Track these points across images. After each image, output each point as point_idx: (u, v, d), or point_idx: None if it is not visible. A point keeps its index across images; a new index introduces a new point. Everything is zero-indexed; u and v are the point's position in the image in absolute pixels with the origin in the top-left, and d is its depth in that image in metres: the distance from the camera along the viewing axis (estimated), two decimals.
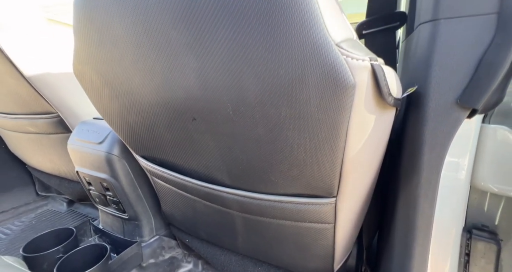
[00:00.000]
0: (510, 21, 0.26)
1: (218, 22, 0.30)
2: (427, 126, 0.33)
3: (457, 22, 0.29)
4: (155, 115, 0.45)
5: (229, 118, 0.37)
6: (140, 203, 0.74)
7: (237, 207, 0.51)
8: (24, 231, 1.03)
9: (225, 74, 0.33)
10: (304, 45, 0.27)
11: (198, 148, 0.47)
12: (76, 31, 0.42)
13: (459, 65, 0.30)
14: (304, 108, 0.31)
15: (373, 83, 0.29)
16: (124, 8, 0.34)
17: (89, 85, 0.49)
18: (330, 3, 0.28)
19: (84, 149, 0.70)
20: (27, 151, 1.01)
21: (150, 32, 0.34)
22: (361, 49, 0.29)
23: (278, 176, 0.42)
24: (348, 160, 0.35)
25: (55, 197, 1.23)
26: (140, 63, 0.38)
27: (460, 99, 0.30)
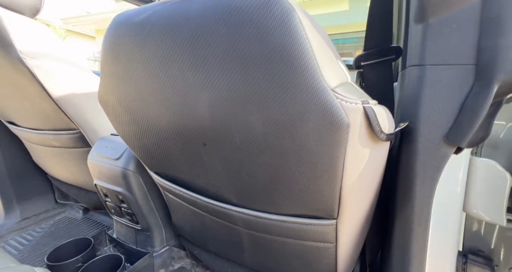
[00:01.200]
0: (485, 73, 0.29)
1: (228, 66, 0.34)
2: (418, 159, 0.36)
3: (441, 69, 0.32)
4: (169, 139, 0.50)
5: (237, 146, 0.41)
6: (152, 215, 0.79)
7: (243, 224, 0.55)
8: (44, 238, 1.10)
9: (233, 108, 0.37)
10: (303, 90, 0.31)
11: (207, 169, 0.51)
12: (103, 66, 0.47)
13: (444, 107, 0.33)
14: (305, 142, 0.35)
15: (365, 122, 0.32)
16: (146, 52, 0.39)
17: (111, 111, 0.54)
18: (325, 52, 0.31)
19: (102, 164, 0.76)
20: (49, 163, 1.08)
21: (168, 72, 0.39)
22: (354, 93, 0.32)
23: (282, 198, 0.45)
24: (346, 188, 0.38)
25: (72, 205, 1.30)
26: (158, 95, 0.43)
27: (447, 137, 0.33)
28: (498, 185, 0.34)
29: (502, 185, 0.34)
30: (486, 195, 0.35)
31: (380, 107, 0.33)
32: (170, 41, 0.36)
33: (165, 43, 0.37)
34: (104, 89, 0.51)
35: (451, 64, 0.31)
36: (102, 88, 0.51)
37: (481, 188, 0.35)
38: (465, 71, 0.30)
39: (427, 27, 0.32)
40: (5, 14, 0.68)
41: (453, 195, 0.36)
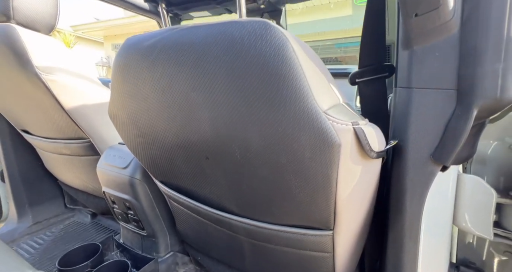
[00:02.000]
0: (466, 98, 0.31)
1: (229, 88, 0.37)
2: (408, 175, 0.38)
3: (426, 92, 0.34)
4: (174, 152, 0.53)
5: (237, 160, 0.44)
6: (157, 222, 0.82)
7: (244, 233, 0.57)
8: (54, 242, 1.14)
9: (233, 126, 0.40)
10: (298, 112, 0.33)
11: (210, 180, 0.53)
12: (113, 84, 0.51)
13: (430, 128, 0.34)
14: (300, 158, 0.37)
15: (356, 142, 0.34)
16: (154, 74, 0.42)
17: (120, 125, 0.58)
18: (318, 77, 0.34)
19: (110, 172, 0.79)
20: (60, 169, 1.13)
21: (173, 92, 0.42)
22: (345, 114, 0.34)
23: (280, 209, 0.47)
24: (340, 201, 0.40)
25: (81, 209, 1.35)
26: (164, 113, 0.46)
27: (433, 156, 0.35)
28: (484, 200, 0.35)
29: (488, 201, 0.35)
30: (473, 210, 0.37)
31: (370, 127, 0.36)
32: (176, 65, 0.39)
33: (171, 66, 0.40)
34: (114, 104, 0.54)
35: (435, 88, 0.33)
36: (112, 103, 0.55)
37: (469, 203, 0.37)
38: (447, 95, 0.32)
39: (413, 53, 0.34)
40: (23, 32, 0.73)
41: (442, 209, 0.37)
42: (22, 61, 0.72)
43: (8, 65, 0.76)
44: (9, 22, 0.77)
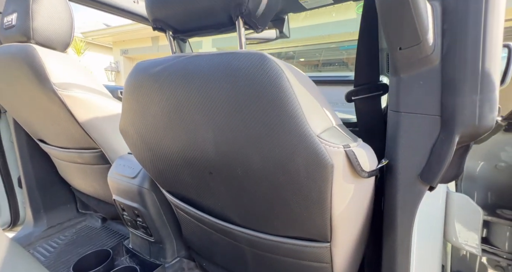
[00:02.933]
0: (448, 124, 0.33)
1: (230, 112, 0.40)
2: (398, 193, 0.40)
3: (413, 116, 0.36)
4: (180, 166, 0.56)
5: (238, 176, 0.47)
6: (164, 229, 0.85)
7: (247, 243, 0.60)
8: (67, 245, 1.19)
9: (234, 146, 0.43)
10: (293, 136, 0.36)
11: (214, 193, 0.56)
12: (124, 103, 0.55)
13: (417, 150, 0.37)
14: (296, 177, 0.40)
15: (348, 163, 0.37)
16: (161, 96, 0.46)
17: (129, 139, 0.62)
18: (311, 103, 0.37)
19: (120, 181, 0.84)
20: (72, 176, 1.18)
21: (179, 113, 0.46)
22: (338, 137, 0.37)
23: (279, 222, 0.50)
24: (335, 216, 0.42)
25: (92, 214, 1.40)
26: (170, 131, 0.50)
27: (421, 176, 0.37)
28: (472, 218, 0.37)
29: (475, 218, 0.37)
30: (462, 226, 0.38)
31: (361, 149, 0.38)
32: (182, 90, 0.43)
33: (177, 91, 0.44)
34: (124, 121, 0.58)
35: (421, 114, 0.35)
36: (123, 120, 0.59)
37: (458, 220, 0.38)
38: (432, 121, 0.35)
39: (400, 80, 0.37)
40: (42, 52, 0.79)
41: (433, 225, 0.39)
42: (40, 78, 0.78)
43: (28, 81, 0.82)
44: (29, 42, 0.83)
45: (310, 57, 6.13)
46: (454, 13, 0.30)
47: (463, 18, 0.30)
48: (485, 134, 0.32)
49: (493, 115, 0.31)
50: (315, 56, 6.01)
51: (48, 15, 0.84)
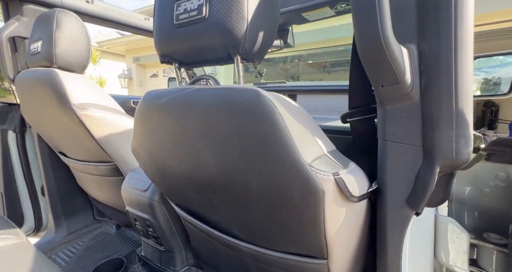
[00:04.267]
0: (429, 155, 0.35)
1: (229, 140, 0.44)
2: (388, 217, 0.42)
3: (399, 146, 0.38)
4: (186, 184, 0.61)
5: (239, 197, 0.51)
6: (174, 239, 0.90)
7: (249, 256, 0.63)
8: (85, 251, 1.27)
9: (234, 171, 0.46)
10: (286, 164, 0.39)
11: (218, 209, 0.60)
12: (136, 126, 0.60)
13: (403, 177, 0.39)
14: (291, 200, 0.43)
15: (338, 189, 0.39)
16: (168, 124, 0.51)
17: (140, 158, 0.67)
18: (302, 134, 0.40)
19: (133, 194, 0.90)
20: (89, 186, 1.27)
21: (184, 139, 0.50)
22: (328, 165, 0.40)
23: (279, 239, 0.53)
24: (330, 236, 0.45)
25: (107, 221, 1.48)
26: (176, 154, 0.54)
27: (407, 202, 0.39)
28: (458, 241, 0.39)
29: (462, 241, 0.38)
30: (450, 248, 0.40)
31: (350, 175, 0.41)
32: (186, 118, 0.47)
33: (182, 119, 0.48)
34: (136, 142, 0.64)
35: (405, 144, 0.38)
36: (134, 141, 0.64)
37: (446, 242, 0.40)
38: (415, 151, 0.37)
39: (385, 111, 0.39)
40: (63, 75, 0.87)
41: (424, 247, 0.41)
42: (62, 100, 0.85)
43: (50, 102, 0.90)
44: (52, 66, 0.91)
45: (318, 59, 6.13)
46: (428, 56, 0.32)
47: (435, 62, 0.32)
48: (463, 166, 0.34)
49: (469, 150, 0.33)
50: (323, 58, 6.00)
51: (68, 42, 0.92)
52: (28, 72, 0.95)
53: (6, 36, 1.07)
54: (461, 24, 0.30)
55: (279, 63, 3.39)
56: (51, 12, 0.91)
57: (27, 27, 1.10)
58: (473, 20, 0.30)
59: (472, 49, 0.30)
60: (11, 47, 1.11)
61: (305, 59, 4.86)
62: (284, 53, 5.28)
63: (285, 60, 3.56)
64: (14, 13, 1.10)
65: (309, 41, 5.32)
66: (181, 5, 0.45)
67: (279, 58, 3.82)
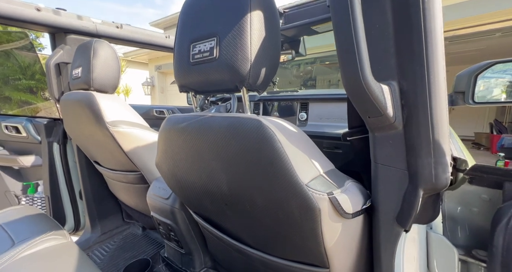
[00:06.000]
0: (413, 178, 0.38)
1: (237, 161, 0.50)
2: (380, 232, 0.45)
3: (387, 168, 0.42)
4: (202, 195, 0.68)
5: (247, 210, 0.57)
6: (193, 243, 0.99)
7: (259, 262, 0.69)
8: (116, 250, 1.42)
9: (242, 187, 0.53)
10: (285, 184, 0.45)
11: (230, 219, 0.67)
12: (159, 146, 0.69)
13: (392, 197, 0.42)
14: (291, 215, 0.48)
15: (332, 207, 0.44)
16: (186, 146, 0.59)
17: (162, 172, 0.76)
18: (300, 157, 0.45)
19: (156, 201, 1.00)
20: (119, 192, 1.41)
21: (199, 158, 0.58)
22: (323, 185, 0.45)
23: (284, 249, 0.58)
24: (329, 248, 0.49)
25: (134, 223, 1.63)
26: (193, 171, 0.62)
27: (397, 219, 0.42)
28: (448, 256, 0.41)
29: (451, 257, 0.40)
30: (441, 263, 0.42)
31: (344, 194, 0.45)
32: (200, 142, 0.55)
33: (197, 143, 0.56)
34: (159, 159, 0.73)
35: (393, 167, 0.41)
36: (157, 158, 0.73)
37: (437, 256, 0.42)
38: (402, 174, 0.40)
39: (375, 137, 0.43)
40: (98, 97, 1.00)
41: (417, 260, 0.44)
42: (97, 119, 0.99)
43: (88, 120, 1.04)
44: (90, 89, 1.05)
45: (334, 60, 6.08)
46: (407, 93, 0.36)
47: (414, 98, 0.36)
48: (444, 189, 0.37)
49: (446, 176, 0.36)
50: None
51: (103, 67, 1.05)
52: (71, 94, 1.11)
53: (53, 63, 1.25)
54: (432, 66, 0.33)
55: (294, 67, 3.42)
56: (89, 42, 1.06)
57: (69, 54, 1.27)
58: (444, 62, 0.34)
59: (445, 87, 0.34)
60: (56, 72, 1.29)
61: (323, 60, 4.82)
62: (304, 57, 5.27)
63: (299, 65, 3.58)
64: (59, 43, 1.29)
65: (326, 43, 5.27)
66: (196, 47, 0.53)
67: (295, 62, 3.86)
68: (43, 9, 1.14)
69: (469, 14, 4.13)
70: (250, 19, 0.46)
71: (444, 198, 0.44)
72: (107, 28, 1.39)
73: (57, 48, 1.27)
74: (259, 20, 0.47)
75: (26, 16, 1.07)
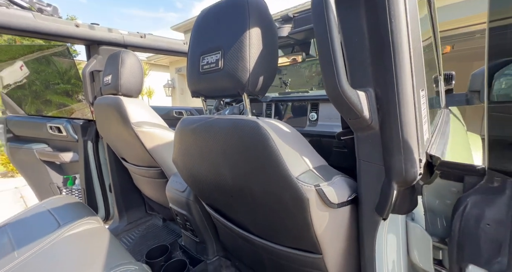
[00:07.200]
0: (388, 173, 0.42)
1: (240, 158, 0.58)
2: (363, 220, 0.51)
3: (368, 164, 0.47)
4: (212, 187, 0.77)
5: (249, 201, 0.65)
6: (206, 233, 1.09)
7: (263, 250, 0.76)
8: (140, 238, 1.57)
9: (243, 180, 0.61)
10: (278, 177, 0.52)
11: (235, 209, 0.76)
12: (175, 144, 0.79)
13: (372, 189, 0.47)
14: (286, 205, 0.55)
15: (319, 198, 0.50)
16: (197, 144, 0.68)
17: (178, 168, 0.87)
18: (291, 154, 0.52)
19: (174, 194, 1.12)
20: (142, 186, 1.56)
21: (208, 155, 0.66)
22: (312, 178, 0.51)
23: (281, 236, 0.65)
24: (319, 235, 0.56)
25: (156, 215, 1.78)
26: (204, 166, 0.71)
27: (376, 209, 0.47)
28: (424, 243, 0.45)
29: (427, 244, 0.44)
30: (419, 249, 0.46)
31: (330, 187, 0.51)
32: (208, 140, 0.64)
33: (205, 141, 0.65)
34: (175, 155, 0.83)
35: (372, 163, 0.46)
36: (174, 154, 0.84)
37: (415, 243, 0.47)
38: (380, 169, 0.45)
39: (357, 137, 0.48)
40: (125, 101, 1.14)
41: (398, 247, 0.49)
42: (124, 120, 1.12)
43: (116, 121, 1.18)
44: (118, 94, 1.20)
45: None
46: (381, 98, 0.41)
47: (386, 103, 0.40)
48: (413, 182, 0.41)
49: (414, 170, 0.40)
50: None
51: (129, 74, 1.19)
52: (102, 98, 1.27)
53: (88, 71, 1.43)
54: (400, 76, 0.38)
55: (307, 68, 3.43)
56: (118, 53, 1.20)
57: (101, 63, 1.44)
58: (410, 73, 0.38)
59: (412, 94, 0.38)
60: (90, 79, 1.47)
61: None
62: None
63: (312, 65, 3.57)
64: (93, 53, 1.47)
65: None
66: (205, 58, 0.62)
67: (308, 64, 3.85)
68: (81, 25, 1.31)
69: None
70: (249, 35, 0.53)
71: (424, 192, 0.48)
72: (132, 38, 1.55)
73: (91, 58, 1.45)
74: (256, 35, 0.54)
75: (68, 33, 1.25)
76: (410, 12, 0.39)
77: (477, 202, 0.36)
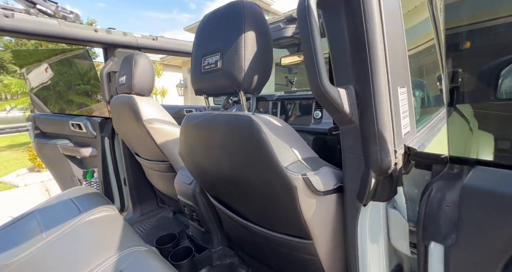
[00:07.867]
0: (367, 162, 0.46)
1: (236, 149, 0.64)
2: (347, 206, 0.55)
3: (351, 155, 0.51)
4: (214, 178, 0.84)
5: (246, 189, 0.70)
6: (210, 222, 1.16)
7: (261, 237, 0.82)
8: (152, 229, 1.68)
9: (240, 170, 0.67)
10: (269, 167, 0.57)
11: (235, 198, 0.82)
12: (181, 137, 0.87)
13: (354, 178, 0.51)
14: (278, 192, 0.60)
15: (306, 186, 0.55)
16: (200, 137, 0.74)
17: (184, 160, 0.94)
18: (281, 146, 0.57)
19: (182, 187, 1.19)
20: (154, 179, 1.66)
21: (210, 147, 0.73)
22: (299, 168, 0.56)
23: (277, 223, 0.70)
24: (308, 221, 0.60)
25: (166, 207, 1.89)
26: (206, 158, 0.78)
27: (357, 196, 0.51)
28: (402, 227, 0.48)
29: (404, 228, 0.48)
30: (397, 233, 0.50)
31: (317, 176, 0.56)
32: (209, 135, 0.70)
33: (207, 135, 0.71)
34: (181, 149, 0.91)
35: (354, 154, 0.50)
36: (180, 148, 0.91)
37: (394, 228, 0.50)
38: (360, 159, 0.49)
39: (342, 130, 0.52)
40: (138, 99, 1.23)
41: (379, 232, 0.53)
42: (137, 117, 1.22)
43: (130, 119, 1.28)
44: (131, 93, 1.30)
45: None
46: (360, 95, 0.45)
47: (364, 99, 0.44)
48: (389, 171, 0.45)
49: (389, 159, 0.44)
50: None
51: (141, 75, 1.29)
52: (117, 97, 1.37)
53: (106, 72, 1.55)
54: (375, 75, 0.42)
55: None
56: (131, 55, 1.30)
57: (117, 64, 1.55)
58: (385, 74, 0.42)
59: (386, 91, 0.42)
60: (107, 79, 1.59)
61: None
62: None
63: None
64: (110, 55, 1.58)
65: None
66: (206, 60, 0.68)
67: None
68: (99, 30, 1.43)
69: None
70: (244, 38, 0.59)
71: (404, 182, 0.51)
72: (145, 40, 1.65)
73: (108, 60, 1.57)
74: (251, 38, 0.60)
75: (88, 37, 1.37)
76: (386, 15, 0.43)
77: (440, 187, 0.39)
